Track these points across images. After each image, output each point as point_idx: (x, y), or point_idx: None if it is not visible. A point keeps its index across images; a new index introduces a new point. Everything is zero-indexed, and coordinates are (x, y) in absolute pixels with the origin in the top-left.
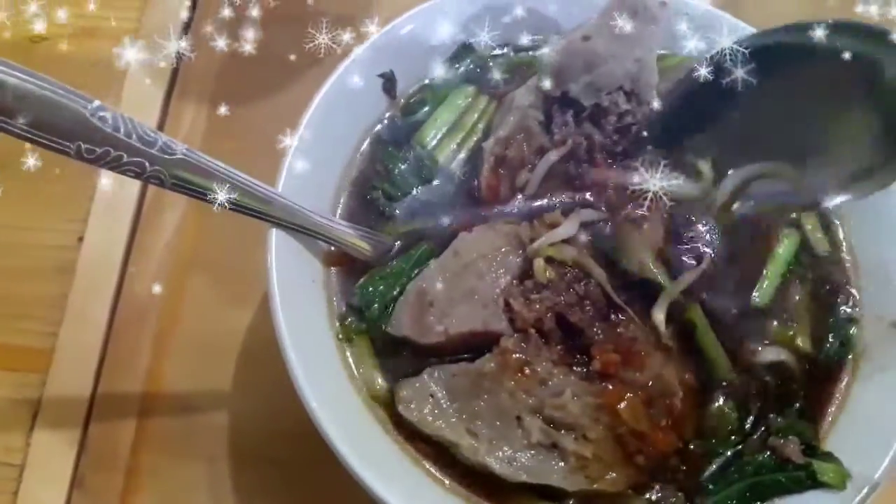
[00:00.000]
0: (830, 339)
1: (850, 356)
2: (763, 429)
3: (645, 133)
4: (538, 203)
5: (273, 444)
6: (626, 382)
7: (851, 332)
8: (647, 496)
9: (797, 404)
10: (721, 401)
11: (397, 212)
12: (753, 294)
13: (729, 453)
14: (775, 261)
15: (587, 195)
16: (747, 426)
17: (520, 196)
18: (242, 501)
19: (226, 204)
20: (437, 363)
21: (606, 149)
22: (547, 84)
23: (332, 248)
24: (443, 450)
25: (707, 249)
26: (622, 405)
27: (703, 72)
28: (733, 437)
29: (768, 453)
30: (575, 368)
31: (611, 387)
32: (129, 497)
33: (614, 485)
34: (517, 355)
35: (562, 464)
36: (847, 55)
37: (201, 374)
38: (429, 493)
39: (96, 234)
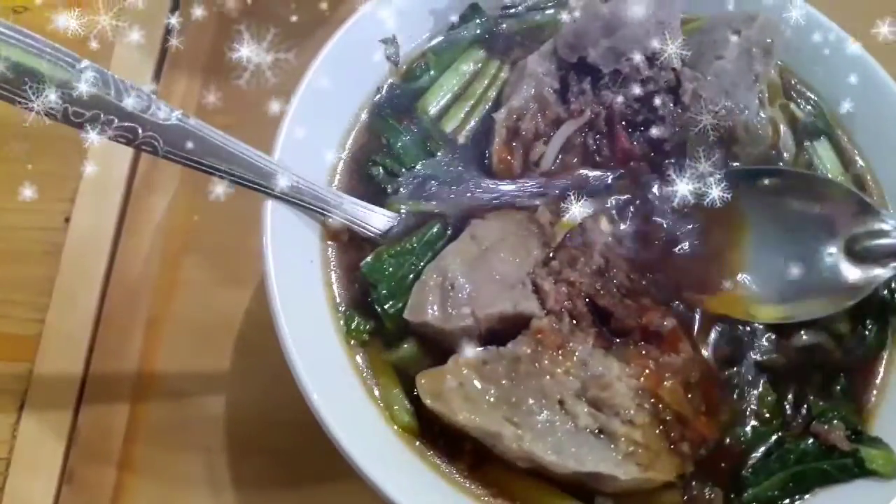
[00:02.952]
0: (869, 324)
1: (889, 339)
2: (805, 414)
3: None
4: (554, 178)
5: (272, 434)
6: (663, 365)
7: (892, 316)
8: (683, 488)
9: (839, 388)
10: (760, 385)
11: (400, 189)
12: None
13: (770, 441)
14: None
15: (607, 169)
16: (788, 411)
17: (534, 171)
18: (241, 494)
19: (222, 174)
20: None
21: (627, 119)
22: (563, 49)
23: (331, 223)
24: (454, 442)
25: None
26: (664, 388)
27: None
28: (774, 423)
29: (811, 440)
30: (611, 351)
31: (649, 370)
32: (121, 491)
33: (664, 473)
34: (553, 336)
35: (612, 449)
36: None
37: (196, 360)
38: (439, 492)
39: (84, 215)
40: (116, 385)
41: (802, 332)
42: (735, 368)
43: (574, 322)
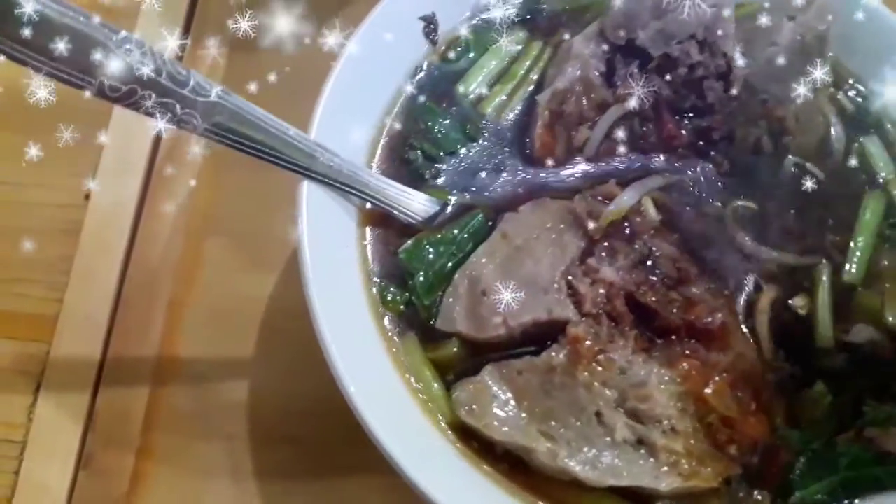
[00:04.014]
0: None
1: None
2: (858, 417)
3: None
4: (598, 164)
5: (296, 423)
6: (710, 364)
7: None
8: (729, 492)
9: (894, 390)
10: (812, 384)
11: (439, 175)
12: (845, 267)
13: (820, 444)
14: (864, 228)
15: (653, 157)
16: (841, 413)
17: (578, 157)
18: (262, 484)
19: (260, 153)
20: (496, 358)
21: (674, 105)
22: (611, 30)
23: (368, 208)
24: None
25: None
26: (709, 390)
27: None
28: (826, 425)
29: (865, 445)
30: (653, 354)
31: (694, 371)
32: (139, 478)
33: (708, 480)
34: (589, 343)
35: (651, 461)
36: None
37: (218, 345)
38: (480, 490)
39: (105, 192)
40: (136, 368)
41: (857, 328)
42: (789, 365)
43: (613, 324)
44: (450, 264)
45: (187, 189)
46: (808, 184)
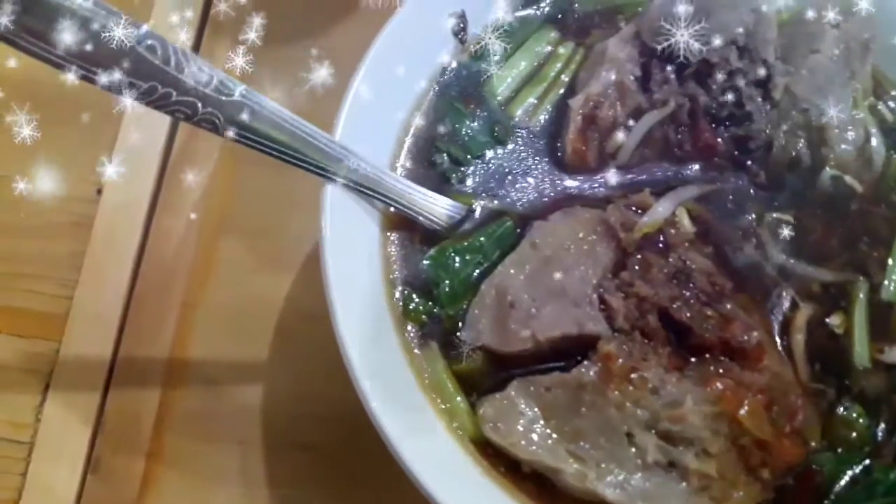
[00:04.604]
0: None
1: None
2: None
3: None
4: (631, 172)
5: (309, 428)
6: (745, 385)
7: None
8: None
9: None
10: (848, 405)
11: (465, 179)
12: (883, 284)
13: (856, 468)
14: None
15: (688, 166)
16: (879, 437)
17: (610, 164)
18: (274, 491)
19: (282, 155)
20: (522, 373)
21: (712, 112)
22: (648, 33)
23: (392, 211)
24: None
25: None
26: (743, 411)
27: None
28: (863, 450)
29: None
30: (687, 372)
31: (729, 391)
32: (149, 482)
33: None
34: (621, 361)
35: (683, 485)
36: None
37: (231, 347)
38: None
39: (117, 187)
40: (147, 369)
41: (893, 349)
42: (824, 386)
43: (646, 340)
44: (476, 273)
45: (203, 185)
46: (846, 197)
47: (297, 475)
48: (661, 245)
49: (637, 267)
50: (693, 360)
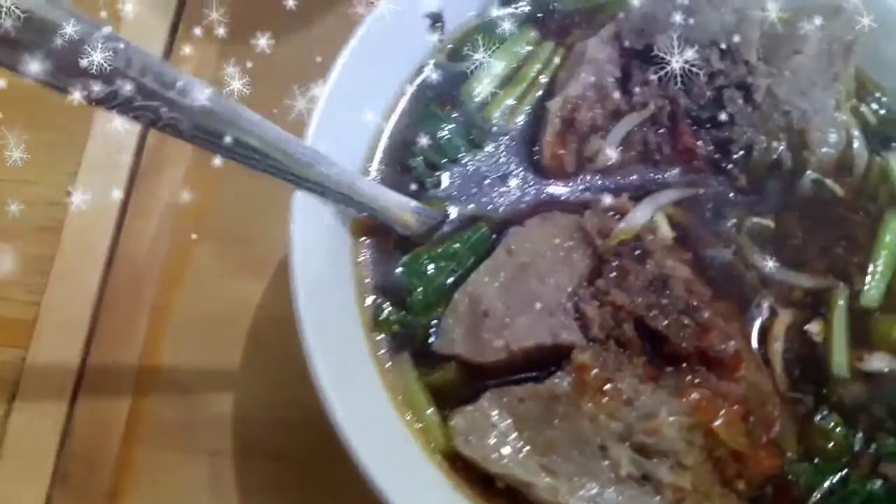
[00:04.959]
0: None
1: None
2: (873, 451)
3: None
4: (610, 176)
5: (283, 437)
6: (721, 395)
7: None
8: None
9: None
10: (825, 414)
11: (441, 183)
12: (865, 290)
13: (833, 479)
14: (884, 250)
15: (668, 169)
16: (856, 447)
17: (589, 168)
18: (246, 501)
19: (252, 161)
20: (496, 384)
21: (693, 115)
22: (629, 34)
23: (365, 217)
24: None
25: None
26: (719, 422)
27: None
28: (840, 460)
29: (879, 481)
30: (662, 383)
31: (704, 402)
32: (118, 495)
33: None
34: (596, 371)
35: (657, 498)
36: None
37: (203, 354)
38: None
39: (87, 190)
40: (116, 378)
41: (872, 357)
42: (803, 396)
43: (621, 350)
44: (450, 281)
45: (175, 189)
46: (827, 201)
47: (270, 485)
48: (638, 251)
49: (613, 274)
50: (669, 369)
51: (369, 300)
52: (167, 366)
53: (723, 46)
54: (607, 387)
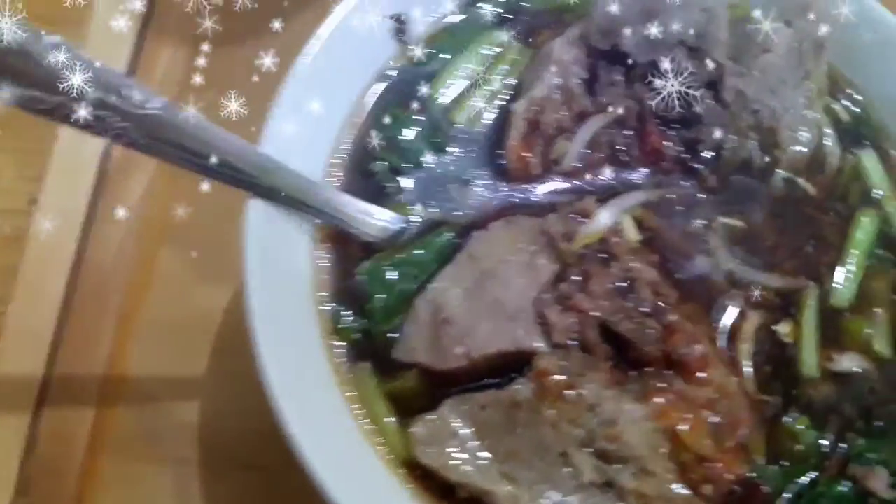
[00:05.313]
0: None
1: None
2: (842, 452)
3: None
4: (575, 179)
5: (251, 446)
6: (686, 399)
7: None
8: None
9: (880, 424)
10: (794, 416)
11: (404, 188)
12: (835, 289)
13: (801, 481)
14: (855, 248)
15: (635, 171)
16: (825, 449)
17: (555, 171)
18: None
19: (205, 171)
20: (457, 392)
21: (660, 116)
22: (595, 34)
23: (325, 224)
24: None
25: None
26: (684, 427)
27: None
28: (809, 462)
29: (848, 484)
30: (626, 387)
31: (669, 406)
32: None
33: None
34: (557, 377)
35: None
36: None
37: (170, 363)
38: None
39: (52, 197)
40: (81, 386)
41: (842, 357)
42: (772, 397)
43: (585, 355)
44: (412, 287)
45: (141, 195)
46: (798, 200)
47: (238, 495)
48: (603, 255)
49: (577, 278)
50: (634, 374)
51: (329, 308)
52: (133, 374)
53: (690, 45)
54: (569, 393)
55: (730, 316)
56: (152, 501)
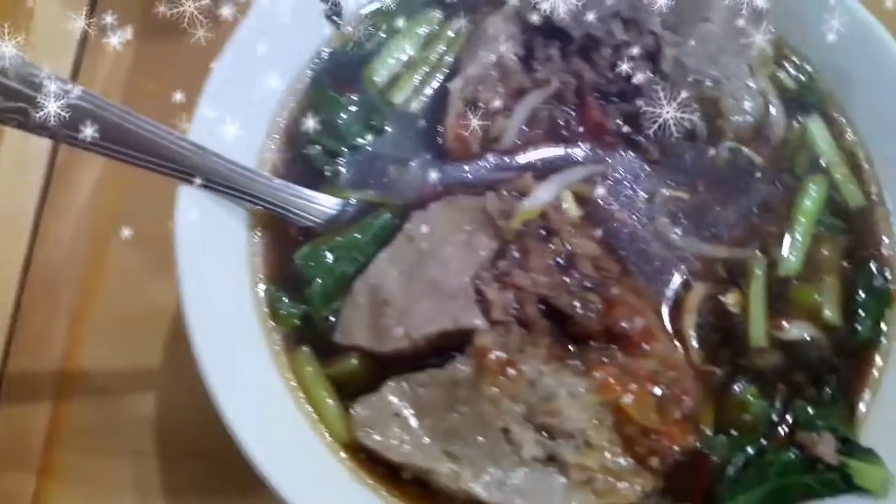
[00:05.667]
0: (861, 315)
1: (882, 338)
2: (790, 421)
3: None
4: (515, 156)
5: (208, 436)
6: (630, 372)
7: (886, 308)
8: None
9: (829, 390)
10: (742, 386)
11: (341, 171)
12: (783, 258)
13: (749, 451)
14: (802, 216)
15: (576, 146)
16: (774, 417)
17: (494, 149)
18: (174, 501)
19: (132, 159)
20: (398, 373)
21: (600, 89)
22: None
23: (260, 210)
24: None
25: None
26: (627, 399)
27: None
28: (757, 431)
29: (795, 451)
30: (568, 362)
31: (612, 379)
32: (41, 500)
33: (626, 496)
34: (497, 354)
35: (563, 480)
36: None
37: (125, 355)
38: None
39: (1, 193)
40: (36, 382)
41: (790, 325)
42: (718, 368)
43: (524, 331)
44: (351, 270)
45: (90, 189)
46: (744, 169)
47: (197, 484)
48: (543, 231)
49: (515, 255)
50: (574, 349)
51: (266, 294)
52: (88, 369)
53: (625, 17)
54: (509, 369)
55: (675, 288)
56: (111, 494)
